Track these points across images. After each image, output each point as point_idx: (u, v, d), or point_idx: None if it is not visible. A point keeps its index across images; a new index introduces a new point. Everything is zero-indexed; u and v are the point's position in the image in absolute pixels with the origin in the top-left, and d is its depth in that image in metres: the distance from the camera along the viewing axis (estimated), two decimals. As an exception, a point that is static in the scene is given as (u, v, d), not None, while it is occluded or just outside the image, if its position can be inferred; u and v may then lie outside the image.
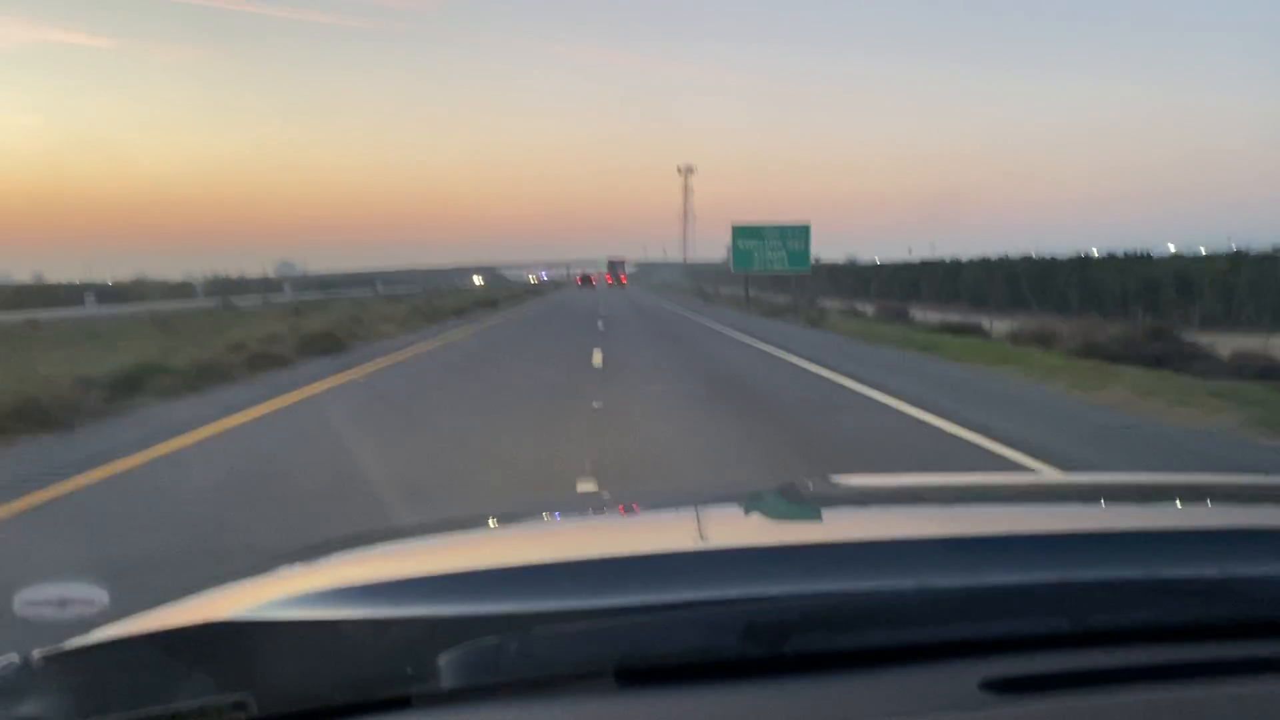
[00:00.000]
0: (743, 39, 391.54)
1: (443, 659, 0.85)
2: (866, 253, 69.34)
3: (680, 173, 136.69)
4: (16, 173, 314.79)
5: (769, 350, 16.88)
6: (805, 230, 39.34)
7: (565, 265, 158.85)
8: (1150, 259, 34.25)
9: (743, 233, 39.67)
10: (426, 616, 0.89)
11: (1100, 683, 0.86)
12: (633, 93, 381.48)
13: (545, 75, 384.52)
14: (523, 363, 15.51)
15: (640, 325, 26.74)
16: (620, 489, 5.68)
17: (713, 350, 17.62)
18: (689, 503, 1.55)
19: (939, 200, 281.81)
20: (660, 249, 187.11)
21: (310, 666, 0.87)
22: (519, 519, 1.59)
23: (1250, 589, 0.99)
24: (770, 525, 1.35)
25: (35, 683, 0.87)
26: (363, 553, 1.25)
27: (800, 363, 14.34)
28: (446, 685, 0.85)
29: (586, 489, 5.68)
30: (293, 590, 0.98)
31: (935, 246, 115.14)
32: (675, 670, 0.87)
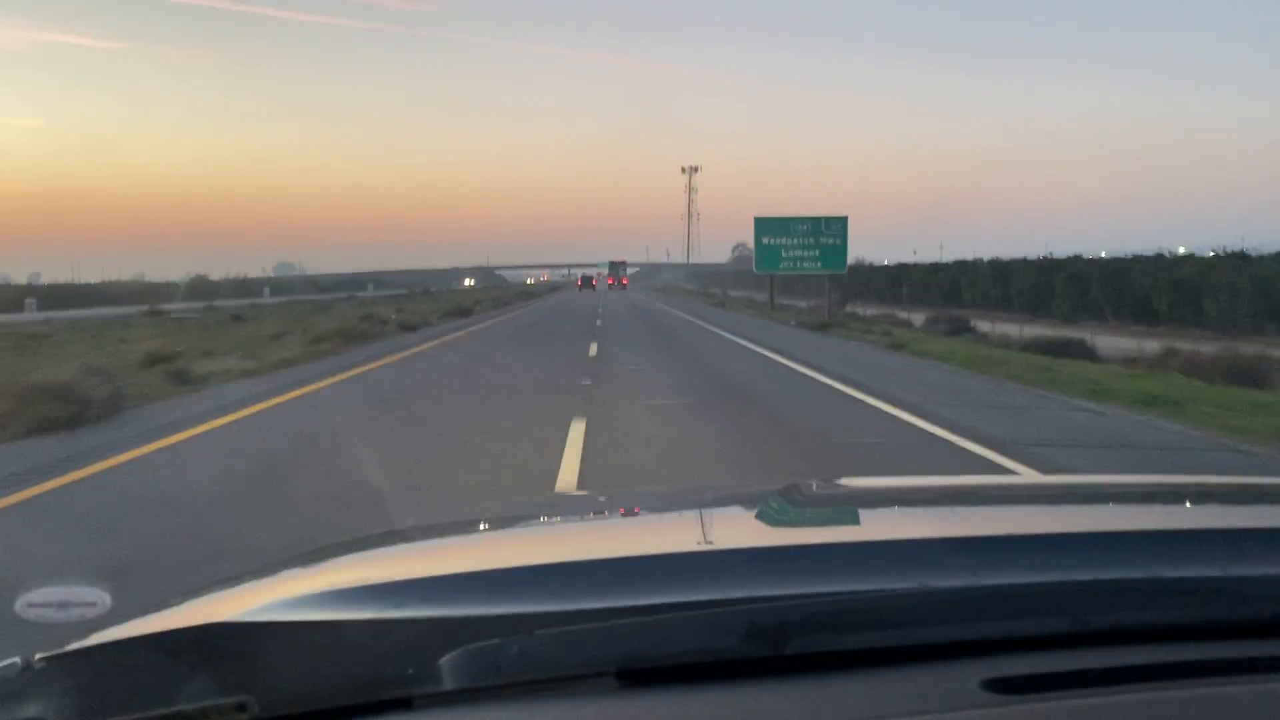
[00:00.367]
0: (745, 41, 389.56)
1: (444, 660, 0.85)
2: (869, 254, 65.93)
3: (684, 172, 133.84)
4: (17, 174, 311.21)
5: (907, 419, 8.75)
6: (842, 224, 32.30)
7: (567, 267, 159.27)
8: (1247, 257, 28.76)
9: (767, 227, 32.50)
10: (428, 618, 0.89)
11: (1100, 683, 0.86)
12: (635, 96, 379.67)
13: (547, 77, 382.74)
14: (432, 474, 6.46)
15: (651, 348, 18.36)
16: (620, 491, 5.25)
17: (790, 401, 10.19)
18: (690, 504, 1.58)
19: (941, 201, 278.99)
20: (663, 251, 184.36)
21: (312, 668, 0.88)
22: (519, 521, 1.60)
23: (1250, 589, 0.99)
24: (771, 526, 1.34)
25: (37, 685, 0.88)
26: (364, 554, 1.26)
27: (1007, 460, 6.77)
28: (448, 686, 0.85)
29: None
30: (294, 592, 0.98)
31: (943, 248, 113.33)
32: (677, 671, 0.87)
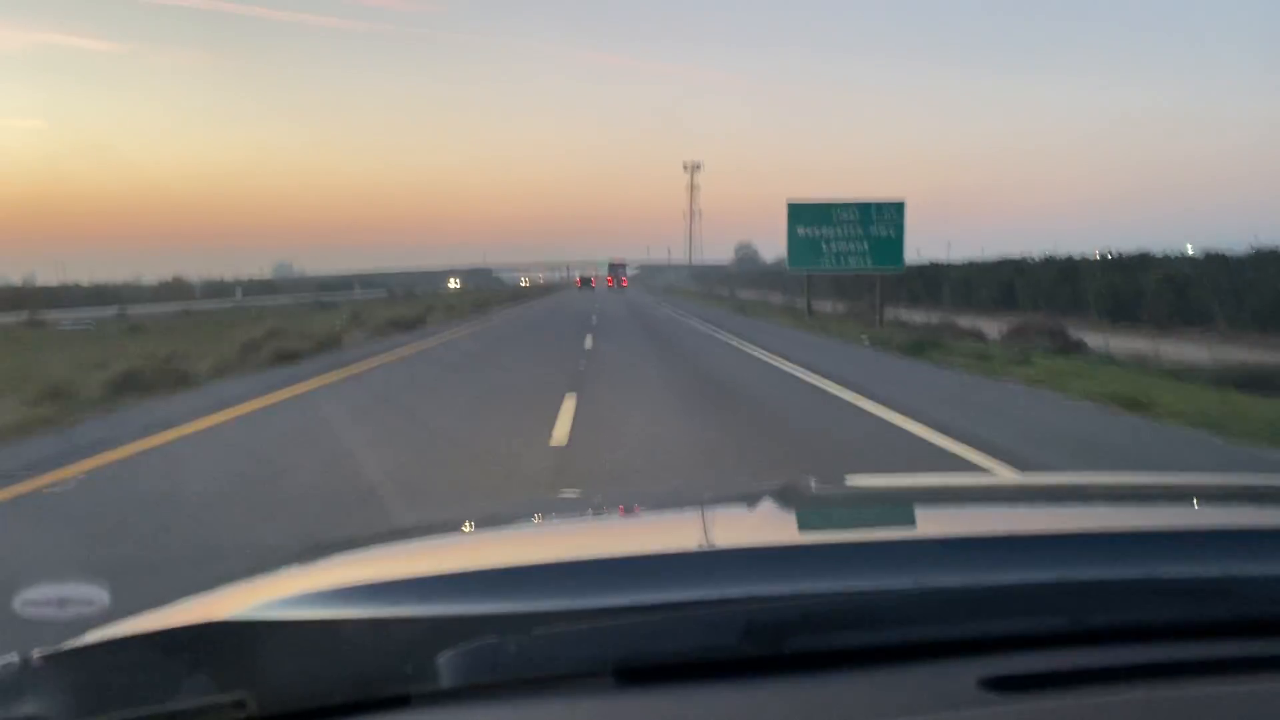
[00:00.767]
0: (747, 40, 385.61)
1: (442, 658, 0.85)
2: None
3: (686, 169, 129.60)
4: (18, 175, 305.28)
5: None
6: (897, 210, 26.03)
7: (565, 267, 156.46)
8: None
9: (803, 215, 26.32)
10: (426, 616, 0.89)
11: (1098, 682, 0.86)
12: (636, 96, 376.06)
13: (547, 76, 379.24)
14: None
15: (678, 403, 9.79)
16: (618, 490, 5.24)
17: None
18: (688, 503, 1.57)
19: (947, 201, 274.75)
20: (664, 251, 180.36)
21: (310, 666, 0.87)
22: (517, 520, 1.59)
23: (1249, 589, 0.98)
24: (769, 525, 1.34)
25: (35, 682, 0.88)
26: (362, 553, 1.26)
27: None
28: (446, 684, 0.85)
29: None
30: (292, 590, 0.98)
31: (951, 247, 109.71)
32: (674, 670, 0.87)
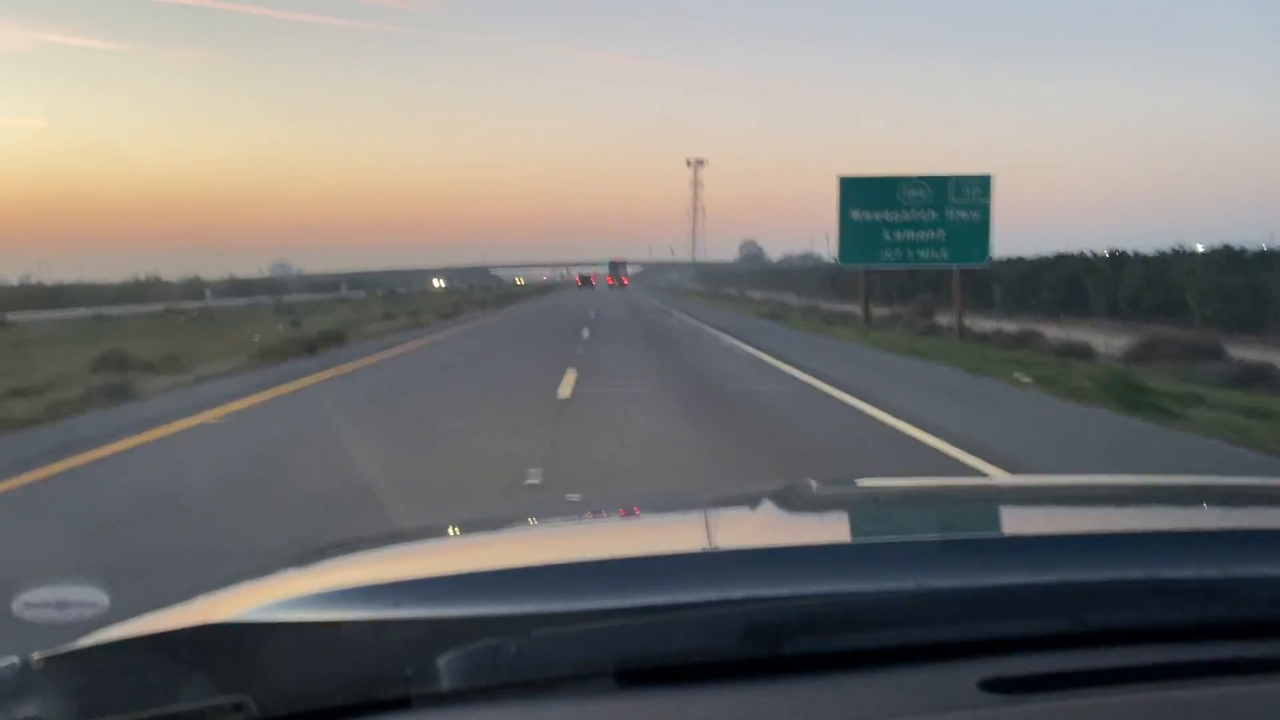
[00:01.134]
0: (749, 37, 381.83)
1: (442, 660, 0.85)
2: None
3: (689, 165, 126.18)
4: (19, 175, 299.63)
5: None
6: (983, 186, 20.79)
7: (566, 266, 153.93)
8: None
9: (859, 193, 20.83)
10: (426, 618, 0.89)
11: (1099, 683, 0.86)
12: (637, 94, 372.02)
13: (548, 75, 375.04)
14: None
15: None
16: (618, 492, 5.23)
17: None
18: (688, 505, 1.57)
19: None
20: (667, 249, 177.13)
21: (310, 668, 0.87)
22: (518, 521, 1.59)
23: (1250, 589, 0.98)
24: (770, 527, 1.34)
25: (35, 685, 0.87)
26: (362, 555, 1.25)
27: None
28: (446, 686, 0.85)
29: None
30: (292, 592, 0.98)
31: None
32: (675, 671, 0.86)
